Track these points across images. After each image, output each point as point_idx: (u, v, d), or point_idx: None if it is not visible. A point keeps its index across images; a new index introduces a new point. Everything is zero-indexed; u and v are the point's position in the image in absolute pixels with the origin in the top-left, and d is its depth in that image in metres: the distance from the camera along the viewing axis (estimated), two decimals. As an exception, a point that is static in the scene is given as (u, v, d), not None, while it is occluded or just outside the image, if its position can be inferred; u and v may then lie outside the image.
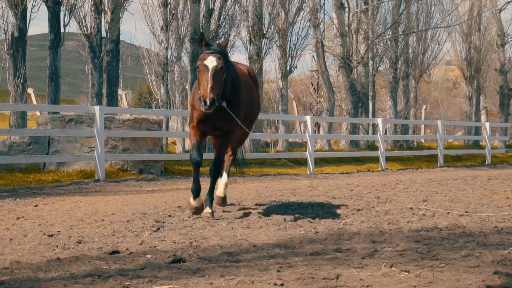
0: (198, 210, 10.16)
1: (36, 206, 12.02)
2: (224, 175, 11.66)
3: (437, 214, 10.41)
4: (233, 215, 10.59)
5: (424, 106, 58.21)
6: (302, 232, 8.59)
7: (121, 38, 27.92)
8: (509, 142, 34.06)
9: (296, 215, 10.28)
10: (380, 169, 25.31)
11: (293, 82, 49.82)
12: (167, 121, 30.34)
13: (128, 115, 21.19)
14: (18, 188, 15.40)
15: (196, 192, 10.15)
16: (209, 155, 17.20)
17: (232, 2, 31.13)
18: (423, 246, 7.27)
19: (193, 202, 10.18)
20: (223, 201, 11.48)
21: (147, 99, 57.54)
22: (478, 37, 45.81)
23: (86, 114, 18.64)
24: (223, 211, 11.13)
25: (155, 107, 45.22)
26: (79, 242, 7.81)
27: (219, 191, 11.40)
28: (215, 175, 10.42)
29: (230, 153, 12.08)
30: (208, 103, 9.16)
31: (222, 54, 9.71)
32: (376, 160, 26.66)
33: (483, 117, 49.01)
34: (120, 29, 27.16)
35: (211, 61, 9.48)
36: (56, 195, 14.13)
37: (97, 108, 17.75)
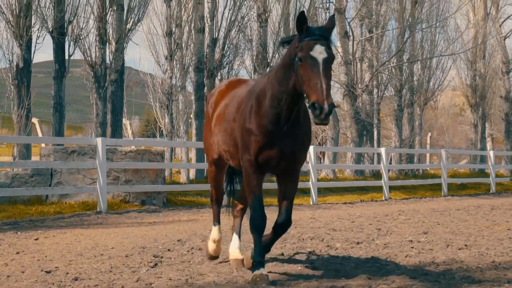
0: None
1: (36, 239, 12.04)
2: (235, 238, 9.14)
3: (436, 247, 10.40)
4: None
5: (429, 133, 58.18)
6: (299, 268, 8.59)
7: (128, 64, 28.11)
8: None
9: (295, 249, 10.27)
10: (383, 198, 25.29)
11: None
12: (172, 150, 30.39)
13: (131, 146, 21.25)
14: (20, 221, 15.43)
15: (261, 263, 7.69)
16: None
17: (236, 32, 31.31)
18: (418, 283, 7.28)
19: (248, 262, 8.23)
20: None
21: (154, 126, 57.65)
22: (483, 64, 45.83)
23: (89, 146, 18.72)
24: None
25: (160, 136, 45.32)
26: (76, 279, 7.83)
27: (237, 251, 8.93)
28: (282, 232, 8.11)
29: (239, 207, 9.38)
30: (327, 110, 6.90)
31: (330, 41, 7.47)
32: (380, 189, 26.64)
33: (488, 145, 48.94)
34: (128, 56, 27.37)
35: (320, 52, 7.25)
36: (58, 227, 14.15)
37: (99, 140, 17.82)
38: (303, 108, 7.71)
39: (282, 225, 7.96)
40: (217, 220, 9.51)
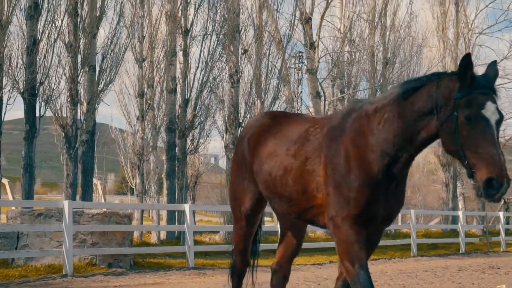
0: None
1: (-3, 306, 11.97)
2: None
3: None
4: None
5: (403, 192, 58.21)
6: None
7: (104, 121, 28.19)
8: (486, 228, 34.16)
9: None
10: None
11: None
12: (142, 211, 30.36)
13: (101, 209, 21.22)
14: (-17, 285, 15.33)
15: None
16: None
17: (208, 92, 31.53)
18: None
19: None
20: None
21: (125, 185, 57.42)
22: (454, 123, 46.26)
23: (56, 209, 18.67)
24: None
25: (131, 194, 45.20)
26: None
27: None
28: None
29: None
30: (505, 186, 5.69)
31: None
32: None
33: (460, 203, 49.15)
34: (104, 112, 27.52)
35: (493, 112, 5.99)
36: (20, 292, 14.07)
37: (65, 203, 17.82)
38: None
39: None
40: None
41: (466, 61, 5.98)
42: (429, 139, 6.40)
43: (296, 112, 35.80)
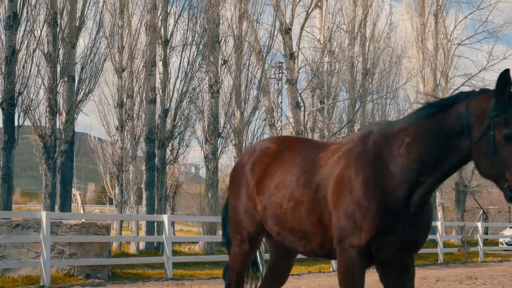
0: None
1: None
2: None
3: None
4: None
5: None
6: None
7: (84, 131, 28.13)
8: (465, 238, 34.31)
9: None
10: (331, 269, 25.34)
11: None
12: (121, 221, 30.28)
13: (80, 220, 21.19)
14: (-41, 296, 15.26)
15: None
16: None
17: (187, 102, 31.55)
18: None
19: None
20: None
21: (103, 195, 57.22)
22: (433, 134, 46.46)
23: (34, 219, 18.62)
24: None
25: (110, 204, 45.07)
26: None
27: None
28: None
29: None
30: None
31: None
32: (328, 260, 26.70)
33: (439, 214, 49.38)
34: (85, 121, 27.47)
35: None
36: (-3, 304, 14.01)
37: (43, 214, 17.78)
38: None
39: None
40: None
41: (505, 77, 5.56)
42: (458, 162, 6.01)
43: (275, 122, 35.90)
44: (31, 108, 26.20)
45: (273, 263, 8.08)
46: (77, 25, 27.08)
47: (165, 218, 21.26)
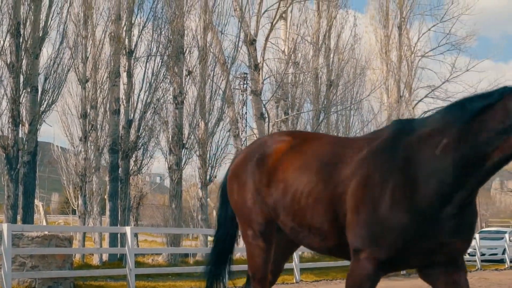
0: None
1: None
2: None
3: None
4: None
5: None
6: None
7: (47, 140, 27.94)
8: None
9: None
10: (294, 281, 25.43)
11: (215, 189, 49.92)
12: (84, 233, 30.09)
13: (39, 232, 21.06)
14: None
15: None
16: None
17: (152, 113, 31.53)
18: None
19: None
20: None
21: (67, 206, 56.76)
22: (396, 144, 46.74)
23: (-5, 232, 18.46)
24: None
25: (73, 214, 44.79)
26: None
27: None
28: None
29: None
30: None
31: None
32: (291, 271, 26.75)
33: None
34: (49, 130, 27.31)
35: None
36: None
37: (5, 226, 17.63)
38: None
39: None
40: None
41: None
42: (501, 161, 5.71)
43: (240, 133, 35.97)
44: (-7, 119, 26.02)
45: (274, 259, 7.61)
46: (40, 35, 26.90)
47: (127, 230, 21.17)
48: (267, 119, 36.38)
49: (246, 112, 47.89)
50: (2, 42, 25.93)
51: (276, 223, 7.16)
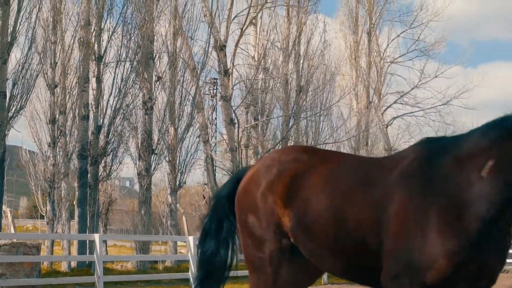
0: None
1: None
2: None
3: None
4: None
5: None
6: None
7: (15, 144, 27.71)
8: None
9: None
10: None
11: (185, 193, 49.87)
12: (52, 241, 29.82)
13: (12, 239, 20.91)
14: None
15: None
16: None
17: (121, 119, 31.42)
18: None
19: None
20: None
21: (35, 212, 56.33)
22: (366, 151, 46.93)
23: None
24: None
25: (41, 220, 44.46)
26: None
27: None
28: None
29: None
30: None
31: None
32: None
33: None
34: (19, 134, 27.12)
35: None
36: None
37: (-29, 234, 17.56)
38: None
39: None
40: None
41: None
42: None
43: (209, 138, 35.92)
44: (-39, 124, 25.79)
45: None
46: (8, 40, 26.71)
47: (96, 237, 21.06)
48: (237, 125, 36.37)
49: (216, 118, 47.95)
50: (-30, 47, 25.75)
51: (293, 245, 6.55)
